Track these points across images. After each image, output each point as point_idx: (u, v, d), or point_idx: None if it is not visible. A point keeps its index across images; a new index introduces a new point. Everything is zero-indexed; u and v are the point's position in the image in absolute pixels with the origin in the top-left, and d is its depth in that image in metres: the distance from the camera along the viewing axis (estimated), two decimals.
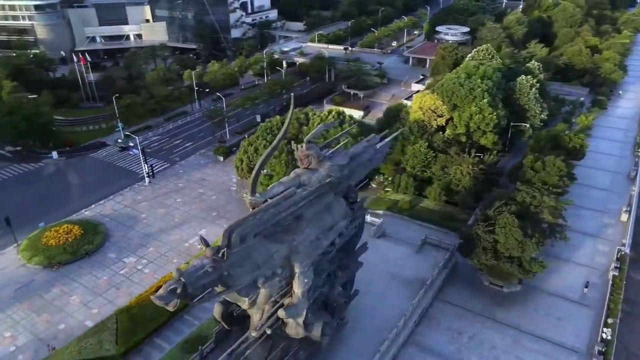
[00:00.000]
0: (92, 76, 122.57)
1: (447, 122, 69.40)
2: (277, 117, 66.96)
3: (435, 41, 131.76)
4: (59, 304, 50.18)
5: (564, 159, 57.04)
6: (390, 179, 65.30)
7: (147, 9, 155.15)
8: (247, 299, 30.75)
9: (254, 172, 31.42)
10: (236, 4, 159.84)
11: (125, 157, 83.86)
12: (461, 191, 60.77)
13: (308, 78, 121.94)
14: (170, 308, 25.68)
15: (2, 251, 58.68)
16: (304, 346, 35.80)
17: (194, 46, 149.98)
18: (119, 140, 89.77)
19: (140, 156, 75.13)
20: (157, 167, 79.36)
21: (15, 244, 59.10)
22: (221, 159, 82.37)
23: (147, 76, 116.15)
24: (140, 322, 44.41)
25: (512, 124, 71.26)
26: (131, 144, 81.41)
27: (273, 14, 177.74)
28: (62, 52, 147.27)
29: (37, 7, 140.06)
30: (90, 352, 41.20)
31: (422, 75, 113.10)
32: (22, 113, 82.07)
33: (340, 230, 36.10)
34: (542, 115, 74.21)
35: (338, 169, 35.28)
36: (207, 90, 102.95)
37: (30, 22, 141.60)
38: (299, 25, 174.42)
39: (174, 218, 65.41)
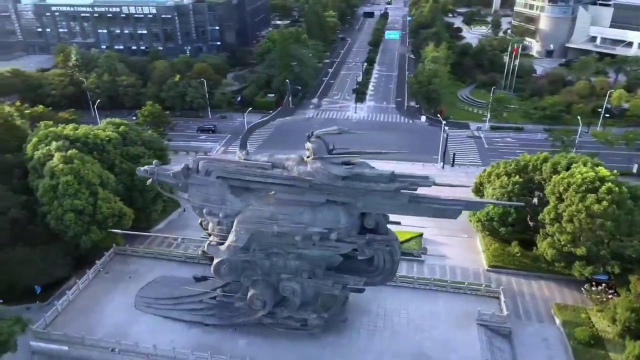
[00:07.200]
0: (537, 70, 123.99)
1: None
2: (541, 154, 53.74)
3: None
4: None
5: None
6: (609, 296, 42.90)
7: None
8: (201, 219, 39.17)
9: (244, 132, 37.23)
10: None
11: (456, 143, 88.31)
12: None
13: None
14: (148, 182, 39.27)
15: None
16: (245, 300, 39.95)
17: None
18: (478, 128, 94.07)
19: (444, 144, 78.81)
20: (464, 160, 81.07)
21: None
22: None
23: (577, 84, 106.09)
24: None
25: None
26: (477, 134, 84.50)
27: None
28: (551, 45, 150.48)
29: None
30: None
31: None
32: (420, 81, 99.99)
33: (309, 235, 35.67)
34: None
35: (327, 176, 34.21)
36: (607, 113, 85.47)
37: (539, 12, 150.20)
38: None
39: None
